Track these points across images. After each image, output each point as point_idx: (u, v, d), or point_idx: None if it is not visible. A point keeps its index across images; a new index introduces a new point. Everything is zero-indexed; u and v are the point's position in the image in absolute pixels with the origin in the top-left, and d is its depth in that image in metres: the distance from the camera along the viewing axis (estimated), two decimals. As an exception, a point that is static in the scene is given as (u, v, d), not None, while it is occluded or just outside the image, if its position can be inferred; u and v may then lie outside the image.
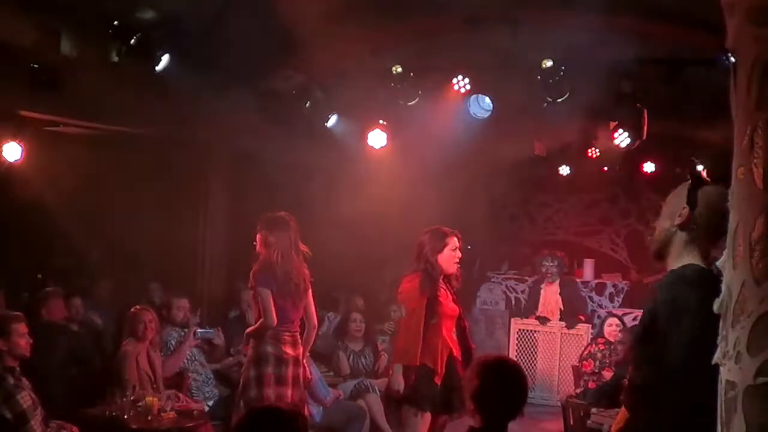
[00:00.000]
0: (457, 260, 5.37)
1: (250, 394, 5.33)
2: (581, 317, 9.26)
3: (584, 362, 7.54)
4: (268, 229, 5.48)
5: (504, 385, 3.23)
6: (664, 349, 2.66)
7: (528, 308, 9.74)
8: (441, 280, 5.34)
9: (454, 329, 5.36)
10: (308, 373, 5.75)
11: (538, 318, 9.34)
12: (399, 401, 5.21)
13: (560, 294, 9.32)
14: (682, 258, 2.77)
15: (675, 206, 2.82)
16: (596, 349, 7.52)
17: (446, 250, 5.31)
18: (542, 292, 9.45)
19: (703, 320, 2.57)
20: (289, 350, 5.42)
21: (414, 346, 5.14)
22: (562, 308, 9.25)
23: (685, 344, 2.60)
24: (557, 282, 9.38)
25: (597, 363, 7.39)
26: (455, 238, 5.37)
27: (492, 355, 3.43)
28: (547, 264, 9.39)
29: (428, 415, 5.15)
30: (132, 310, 6.18)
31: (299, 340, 5.55)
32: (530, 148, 8.52)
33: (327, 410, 6.74)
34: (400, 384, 5.15)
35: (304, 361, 5.60)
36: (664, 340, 2.65)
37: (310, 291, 5.56)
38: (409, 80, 7.03)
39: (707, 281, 2.65)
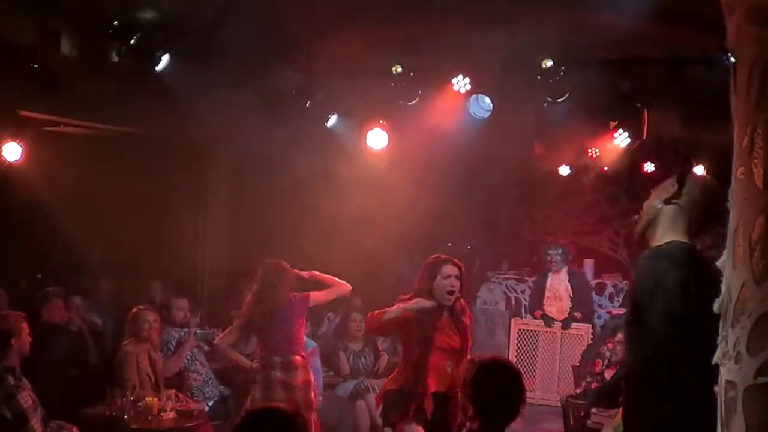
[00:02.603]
0: (449, 289, 4.76)
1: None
2: (576, 315, 9.21)
3: (589, 361, 7.50)
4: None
5: (500, 386, 3.20)
6: (645, 327, 2.66)
7: (532, 303, 9.67)
8: (444, 311, 4.80)
9: (448, 363, 4.76)
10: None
11: (543, 317, 9.26)
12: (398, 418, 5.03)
13: (569, 281, 9.26)
14: (665, 235, 2.81)
15: (665, 188, 2.90)
16: (605, 348, 7.49)
17: (438, 278, 4.78)
18: (548, 281, 9.35)
19: (681, 297, 2.58)
20: None
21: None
22: (572, 296, 9.19)
23: (664, 320, 2.60)
24: (564, 270, 9.26)
25: (605, 362, 7.37)
26: (450, 265, 4.80)
27: (487, 355, 3.39)
28: (552, 252, 9.32)
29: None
30: (134, 310, 6.18)
31: None
32: (530, 148, 8.51)
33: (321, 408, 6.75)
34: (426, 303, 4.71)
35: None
36: (646, 318, 2.65)
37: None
38: (409, 80, 7.03)
39: (688, 258, 2.68)
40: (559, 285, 9.29)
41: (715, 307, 1.84)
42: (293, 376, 5.63)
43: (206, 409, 6.22)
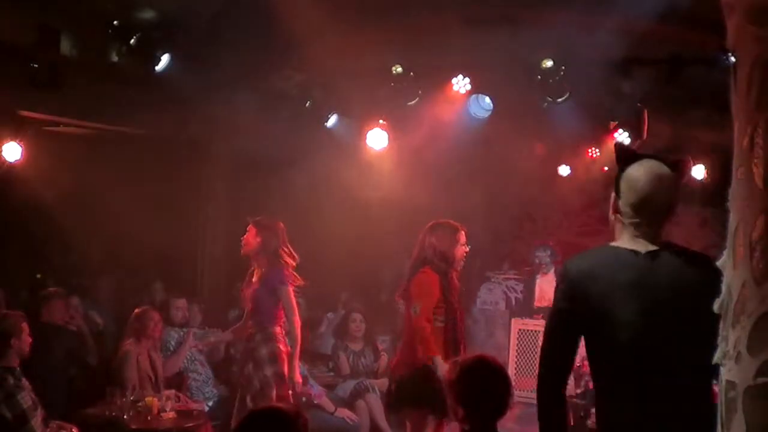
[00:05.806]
0: (465, 255, 5.29)
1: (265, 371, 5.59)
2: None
3: (585, 362, 7.52)
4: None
5: (486, 383, 3.23)
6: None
7: (524, 306, 9.68)
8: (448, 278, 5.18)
9: (456, 329, 5.18)
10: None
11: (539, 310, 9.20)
12: (408, 404, 5.11)
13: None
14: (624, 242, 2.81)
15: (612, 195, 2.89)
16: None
17: (458, 245, 5.22)
18: (537, 284, 9.39)
19: (563, 296, 2.77)
20: None
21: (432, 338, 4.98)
22: None
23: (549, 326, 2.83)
24: (552, 272, 9.28)
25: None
26: (463, 233, 5.29)
27: (469, 355, 3.45)
28: (540, 254, 9.40)
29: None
30: (137, 310, 6.19)
31: None
32: (530, 148, 8.51)
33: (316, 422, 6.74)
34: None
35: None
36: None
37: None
38: (409, 80, 7.03)
39: (599, 260, 2.81)
40: (547, 286, 9.27)
41: (716, 307, 1.84)
42: None
43: (206, 409, 6.22)
